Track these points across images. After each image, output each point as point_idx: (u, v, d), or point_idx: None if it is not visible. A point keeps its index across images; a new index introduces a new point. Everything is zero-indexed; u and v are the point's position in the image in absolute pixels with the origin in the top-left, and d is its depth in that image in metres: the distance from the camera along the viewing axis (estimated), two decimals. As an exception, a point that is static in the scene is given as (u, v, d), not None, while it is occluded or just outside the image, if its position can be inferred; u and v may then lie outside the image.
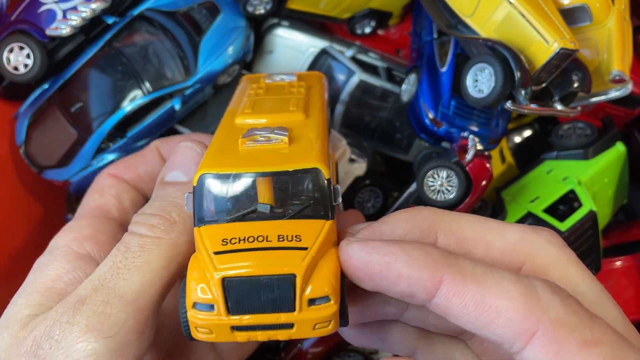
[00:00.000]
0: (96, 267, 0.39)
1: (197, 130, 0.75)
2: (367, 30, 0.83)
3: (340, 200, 0.35)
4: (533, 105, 0.58)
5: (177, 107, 0.71)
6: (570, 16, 0.61)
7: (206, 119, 0.75)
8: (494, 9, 0.59)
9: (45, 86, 0.71)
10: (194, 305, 0.32)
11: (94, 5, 0.66)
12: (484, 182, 0.59)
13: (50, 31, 0.66)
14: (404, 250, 0.32)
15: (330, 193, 0.35)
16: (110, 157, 0.71)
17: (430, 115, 0.67)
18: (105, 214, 0.48)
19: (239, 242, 0.32)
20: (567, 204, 0.66)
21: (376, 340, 0.41)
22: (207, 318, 0.32)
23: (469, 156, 0.59)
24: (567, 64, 0.58)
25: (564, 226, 0.62)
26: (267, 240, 0.32)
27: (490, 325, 0.30)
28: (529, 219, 0.64)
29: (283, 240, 0.32)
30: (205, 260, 0.32)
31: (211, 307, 0.32)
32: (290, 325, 0.32)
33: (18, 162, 0.72)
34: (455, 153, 0.61)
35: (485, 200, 0.71)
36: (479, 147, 0.58)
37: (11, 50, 0.66)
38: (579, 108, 0.63)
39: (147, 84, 0.69)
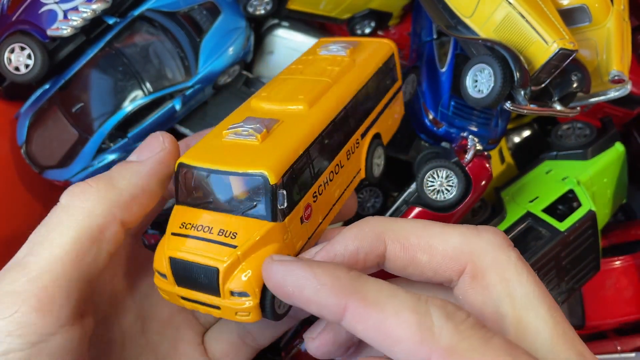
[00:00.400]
0: None
1: (197, 131, 0.75)
2: (367, 30, 0.83)
3: (285, 204, 0.37)
4: (532, 106, 0.59)
5: (178, 107, 0.71)
6: (570, 17, 0.62)
7: (206, 119, 0.76)
8: (493, 10, 0.59)
9: (46, 86, 0.71)
10: (157, 271, 0.40)
11: (94, 6, 0.66)
12: (483, 182, 0.59)
13: (51, 31, 0.66)
14: (314, 275, 0.34)
15: (275, 198, 0.37)
16: (111, 157, 0.71)
17: (430, 116, 0.68)
18: None
19: (190, 229, 0.38)
20: (566, 203, 0.67)
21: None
22: (162, 284, 0.40)
23: (468, 156, 0.59)
24: (566, 65, 0.58)
25: (564, 226, 0.63)
26: (210, 232, 0.38)
27: (391, 352, 0.32)
28: (529, 218, 0.65)
29: (222, 234, 0.37)
30: (166, 237, 0.39)
31: (165, 276, 0.39)
32: (218, 307, 0.38)
33: (19, 162, 0.72)
34: (454, 153, 0.61)
35: (485, 200, 0.71)
36: (479, 147, 0.59)
37: (12, 51, 0.66)
38: (578, 108, 0.63)
39: (148, 84, 0.69)
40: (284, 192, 0.37)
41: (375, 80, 0.51)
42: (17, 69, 0.67)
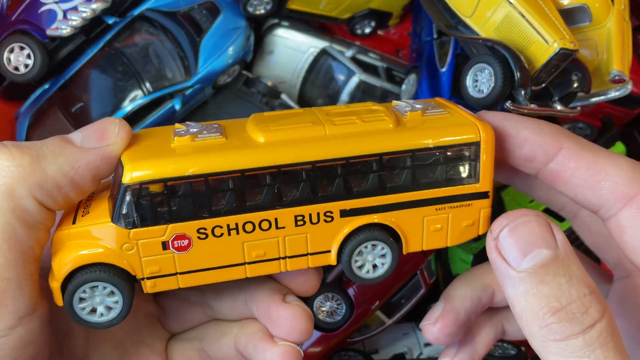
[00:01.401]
0: None
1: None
2: (367, 30, 0.83)
3: (131, 213, 0.35)
4: (533, 106, 0.59)
5: (178, 107, 0.71)
6: (570, 16, 0.61)
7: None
8: (493, 9, 0.59)
9: (46, 86, 0.71)
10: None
11: (94, 6, 0.66)
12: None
13: (50, 31, 0.66)
14: (533, 120, 0.39)
15: (122, 199, 0.35)
16: (110, 157, 0.71)
17: (430, 116, 0.68)
18: None
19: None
20: (566, 204, 0.67)
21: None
22: None
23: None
24: (566, 64, 0.58)
25: (564, 226, 0.63)
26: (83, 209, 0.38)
27: (596, 187, 0.36)
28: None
29: (79, 210, 0.37)
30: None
31: None
32: None
33: (18, 162, 0.72)
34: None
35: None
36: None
37: (12, 51, 0.66)
38: (579, 108, 0.63)
39: (148, 84, 0.69)
40: (135, 200, 0.34)
41: (419, 158, 0.38)
42: (16, 68, 0.67)
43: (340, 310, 0.66)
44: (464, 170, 0.39)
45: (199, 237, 0.36)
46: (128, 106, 0.69)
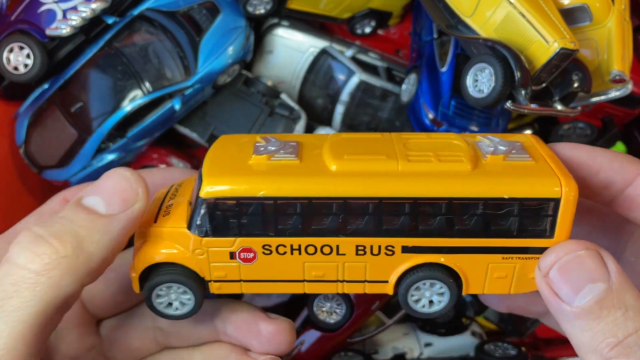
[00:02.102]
0: None
1: (197, 130, 0.75)
2: (367, 30, 0.83)
3: (206, 224, 0.37)
4: (533, 105, 0.58)
5: (177, 107, 0.71)
6: (570, 16, 0.61)
7: (206, 119, 0.76)
8: (494, 9, 0.59)
9: (45, 86, 0.71)
10: None
11: (94, 5, 0.66)
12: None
13: (50, 31, 0.66)
14: (604, 149, 0.39)
15: (197, 210, 0.37)
16: (110, 157, 0.71)
17: (431, 115, 0.67)
18: None
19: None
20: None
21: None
22: None
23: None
24: (567, 64, 0.58)
25: None
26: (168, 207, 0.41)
27: None
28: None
29: (165, 210, 0.40)
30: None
31: None
32: None
33: (18, 162, 0.72)
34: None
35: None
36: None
37: (11, 50, 0.66)
38: (579, 108, 0.63)
39: (147, 84, 0.69)
40: (209, 212, 0.36)
41: (492, 207, 0.36)
42: (16, 68, 0.67)
43: (340, 310, 0.66)
44: (539, 224, 0.37)
45: (263, 252, 0.38)
46: (128, 106, 0.69)
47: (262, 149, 0.38)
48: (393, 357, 0.76)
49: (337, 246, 0.37)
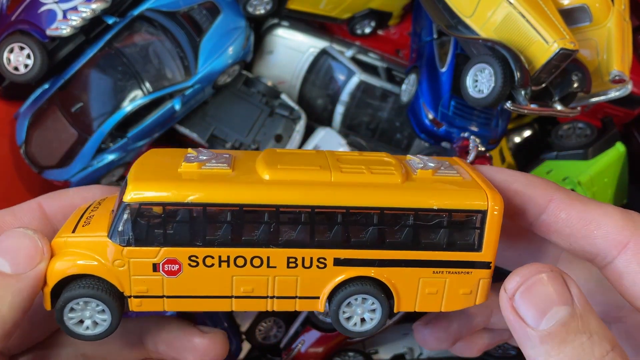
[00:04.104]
0: None
1: (197, 130, 0.75)
2: (367, 30, 0.83)
3: (128, 232, 0.35)
4: (533, 106, 0.59)
5: (177, 107, 0.71)
6: (570, 16, 0.61)
7: (206, 119, 0.76)
8: (493, 10, 0.59)
9: (46, 86, 0.71)
10: None
11: (94, 6, 0.66)
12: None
13: (50, 31, 0.66)
14: (523, 175, 0.40)
15: (119, 216, 0.35)
16: (110, 157, 0.71)
17: (430, 116, 0.68)
18: None
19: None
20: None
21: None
22: None
23: (470, 157, 0.58)
24: (567, 64, 0.58)
25: None
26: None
27: (589, 237, 0.36)
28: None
29: (81, 220, 0.38)
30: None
31: None
32: None
33: (18, 162, 0.72)
34: (456, 154, 0.61)
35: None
36: (481, 148, 0.58)
37: (11, 51, 0.66)
38: (579, 108, 0.63)
39: (148, 84, 0.69)
40: (132, 219, 0.34)
41: (422, 218, 0.37)
42: (16, 68, 0.67)
43: None
44: (467, 237, 0.37)
45: (189, 264, 0.36)
46: (128, 106, 0.69)
47: (192, 158, 0.37)
48: (393, 357, 0.76)
49: (268, 258, 0.36)
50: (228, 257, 0.36)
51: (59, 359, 0.42)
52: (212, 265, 0.36)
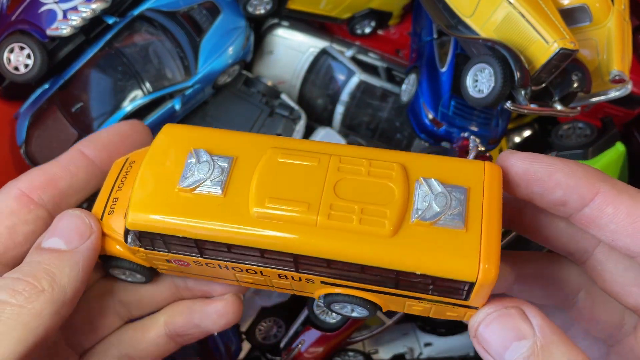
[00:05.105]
0: None
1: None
2: (367, 30, 0.83)
3: (129, 240, 0.38)
4: (533, 105, 0.59)
5: (178, 107, 0.71)
6: (570, 16, 0.61)
7: (206, 119, 0.76)
8: (493, 9, 0.59)
9: (46, 86, 0.71)
10: None
11: (94, 6, 0.66)
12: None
13: (50, 31, 0.66)
14: (564, 162, 0.36)
15: (124, 231, 0.39)
16: (110, 157, 0.71)
17: (430, 116, 0.68)
18: None
19: None
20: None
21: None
22: None
23: (470, 157, 0.59)
24: (567, 64, 0.58)
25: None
26: None
27: (636, 235, 0.33)
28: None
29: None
30: None
31: None
32: None
33: (18, 162, 0.72)
34: (456, 154, 0.61)
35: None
36: (481, 148, 0.58)
37: (12, 50, 0.66)
38: (579, 108, 0.63)
39: (148, 84, 0.69)
40: (138, 238, 0.38)
41: (404, 275, 0.36)
42: (16, 68, 0.67)
43: None
44: (454, 294, 0.35)
45: (194, 263, 0.39)
46: (128, 106, 0.69)
47: (189, 174, 0.37)
48: (393, 357, 0.76)
49: (261, 272, 0.38)
50: (226, 265, 0.38)
51: (98, 308, 0.46)
52: (214, 267, 0.39)
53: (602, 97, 0.65)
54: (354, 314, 0.40)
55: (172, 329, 0.46)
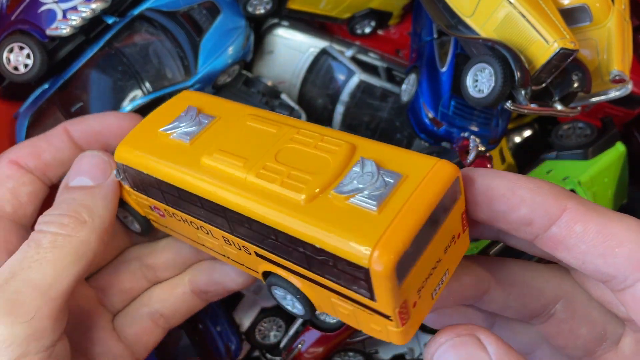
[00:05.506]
0: None
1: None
2: (367, 30, 0.83)
3: (120, 177, 0.44)
4: (533, 105, 0.59)
5: (177, 107, 0.71)
6: (570, 16, 0.61)
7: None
8: (494, 9, 0.59)
9: (46, 86, 0.71)
10: None
11: (94, 5, 0.66)
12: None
13: (50, 31, 0.66)
14: (528, 178, 0.34)
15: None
16: (110, 157, 0.71)
17: (430, 115, 0.67)
18: None
19: None
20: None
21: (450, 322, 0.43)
22: None
23: (470, 157, 0.59)
24: (567, 64, 0.58)
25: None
26: None
27: (608, 255, 0.31)
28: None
29: None
30: None
31: None
32: None
33: (18, 162, 0.72)
34: (456, 154, 0.61)
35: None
36: (481, 148, 0.58)
37: (11, 50, 0.66)
38: (579, 108, 0.63)
39: (147, 84, 0.69)
40: (123, 172, 0.43)
41: (310, 248, 0.34)
42: (16, 68, 0.67)
43: None
44: (357, 285, 0.32)
45: (166, 212, 0.43)
46: (128, 106, 0.69)
47: (174, 123, 0.42)
48: (393, 357, 0.76)
49: (210, 231, 0.40)
50: (185, 219, 0.41)
51: (127, 272, 0.51)
52: (180, 220, 0.42)
53: (602, 97, 0.65)
54: (295, 310, 0.39)
55: (196, 286, 0.51)
